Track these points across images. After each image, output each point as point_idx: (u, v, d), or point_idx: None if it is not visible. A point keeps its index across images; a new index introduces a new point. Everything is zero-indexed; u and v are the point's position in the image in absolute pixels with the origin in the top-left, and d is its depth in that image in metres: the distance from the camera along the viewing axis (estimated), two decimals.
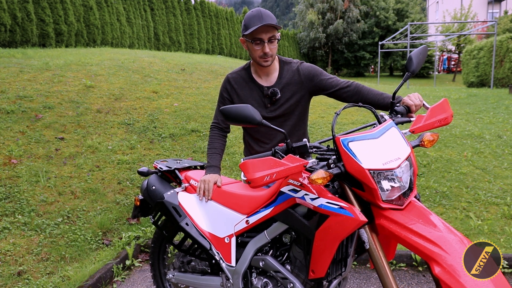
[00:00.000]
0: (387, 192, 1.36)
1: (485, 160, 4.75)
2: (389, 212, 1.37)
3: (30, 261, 2.93)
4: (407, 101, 1.70)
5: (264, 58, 1.93)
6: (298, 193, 1.52)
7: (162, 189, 2.11)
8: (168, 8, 18.74)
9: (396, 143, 1.44)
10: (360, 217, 1.34)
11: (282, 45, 29.90)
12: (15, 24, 10.42)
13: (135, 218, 2.30)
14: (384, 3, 35.16)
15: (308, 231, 1.49)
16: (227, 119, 1.55)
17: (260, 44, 1.90)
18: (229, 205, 1.88)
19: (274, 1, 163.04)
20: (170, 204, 1.98)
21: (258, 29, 1.84)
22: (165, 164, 2.26)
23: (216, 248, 1.87)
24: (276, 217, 1.63)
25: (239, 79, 2.08)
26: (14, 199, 3.52)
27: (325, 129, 5.79)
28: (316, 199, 1.44)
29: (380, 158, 1.37)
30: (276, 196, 1.63)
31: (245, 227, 1.77)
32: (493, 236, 3.24)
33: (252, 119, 1.52)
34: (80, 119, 5.18)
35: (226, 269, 1.83)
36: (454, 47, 29.33)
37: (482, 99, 8.99)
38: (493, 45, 14.03)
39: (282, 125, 2.06)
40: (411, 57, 1.67)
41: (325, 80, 2.01)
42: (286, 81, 2.03)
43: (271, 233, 1.68)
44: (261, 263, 1.71)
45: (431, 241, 1.24)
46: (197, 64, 9.22)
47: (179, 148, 4.94)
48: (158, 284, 2.42)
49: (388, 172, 1.36)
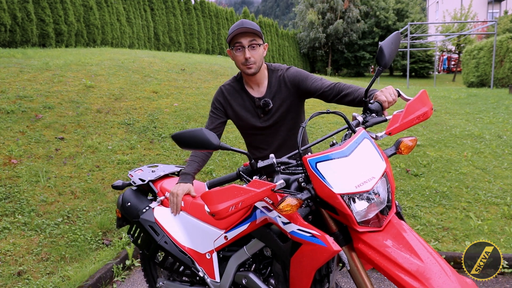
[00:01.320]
0: (363, 212, 1.26)
1: (485, 160, 4.75)
2: (367, 235, 1.26)
3: (30, 261, 2.93)
4: (380, 97, 1.56)
5: (246, 64, 1.91)
6: (271, 213, 1.43)
7: (138, 204, 2.01)
8: (168, 8, 18.74)
9: (369, 158, 1.32)
10: (334, 247, 1.24)
11: (282, 45, 29.90)
12: (15, 24, 10.42)
13: (121, 227, 2.26)
14: (384, 3, 35.17)
15: (284, 255, 1.42)
16: (180, 145, 1.40)
17: (241, 51, 1.89)
18: (205, 219, 1.80)
19: (274, 1, 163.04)
20: (146, 223, 1.89)
21: (237, 34, 1.85)
22: (139, 175, 2.15)
23: (198, 264, 1.81)
24: (253, 234, 1.57)
25: (231, 90, 2.08)
26: (14, 199, 3.52)
27: (325, 129, 5.79)
28: (288, 224, 1.35)
29: (352, 179, 1.25)
30: (252, 211, 1.56)
31: (224, 243, 1.71)
32: (493, 236, 3.24)
33: (208, 143, 1.36)
34: (80, 119, 5.18)
35: (211, 284, 1.78)
36: (454, 47, 29.33)
37: (482, 99, 8.99)
38: (493, 45, 14.03)
39: (277, 131, 2.06)
40: (382, 48, 1.47)
41: (309, 84, 1.99)
42: (275, 90, 2.02)
43: (251, 249, 1.62)
44: (244, 281, 1.65)
45: (411, 274, 1.14)
46: (197, 64, 9.22)
47: (178, 148, 4.94)
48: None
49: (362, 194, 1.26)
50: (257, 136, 2.09)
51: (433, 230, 3.37)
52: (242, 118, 2.05)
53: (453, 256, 2.91)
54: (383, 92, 1.58)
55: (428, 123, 6.31)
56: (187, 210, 1.89)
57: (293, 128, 2.10)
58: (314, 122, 6.04)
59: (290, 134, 2.09)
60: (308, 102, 6.26)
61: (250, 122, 2.04)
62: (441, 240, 3.24)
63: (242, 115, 2.05)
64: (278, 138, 2.07)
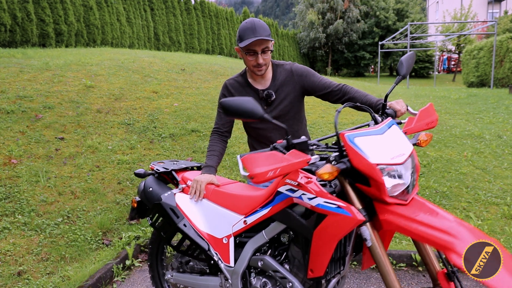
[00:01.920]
0: (391, 188, 1.37)
1: (485, 160, 4.75)
2: (395, 207, 1.37)
3: (30, 261, 2.93)
4: (395, 106, 1.80)
5: (257, 67, 2.01)
6: (296, 193, 1.52)
7: (159, 190, 2.11)
8: (168, 8, 18.74)
9: (399, 139, 1.46)
10: (358, 216, 1.34)
11: (282, 45, 29.90)
12: (15, 24, 10.42)
13: (133, 219, 2.31)
14: (384, 3, 35.16)
15: (306, 230, 1.50)
16: (227, 113, 1.47)
17: (254, 55, 1.98)
18: (226, 205, 1.88)
19: (274, 1, 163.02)
20: (167, 206, 1.98)
21: (252, 42, 1.91)
22: (162, 166, 2.26)
23: (214, 248, 1.88)
24: (274, 217, 1.64)
25: (235, 85, 2.17)
26: (14, 199, 3.52)
27: (325, 129, 5.79)
28: (314, 198, 1.44)
29: (387, 153, 1.37)
30: (274, 196, 1.63)
31: (243, 227, 1.77)
32: (493, 236, 3.24)
33: (253, 113, 1.46)
34: (80, 119, 5.18)
35: (225, 269, 1.83)
36: (454, 47, 29.34)
37: (482, 99, 8.99)
38: (493, 45, 14.03)
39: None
40: (402, 62, 1.76)
41: (317, 81, 2.08)
42: (280, 83, 2.11)
43: (269, 233, 1.69)
44: (259, 263, 1.71)
45: (444, 231, 1.23)
46: (197, 64, 9.22)
47: (179, 148, 4.94)
48: (157, 285, 2.42)
49: (392, 169, 1.37)
50: (259, 130, 2.16)
51: None
52: None
53: None
54: (398, 103, 1.82)
55: None
56: (208, 197, 1.98)
57: (294, 124, 2.16)
58: (314, 122, 6.04)
59: (291, 130, 2.14)
60: (308, 102, 6.26)
61: None
62: None
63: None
64: (279, 134, 2.14)
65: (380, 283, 2.77)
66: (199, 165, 2.37)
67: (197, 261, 2.09)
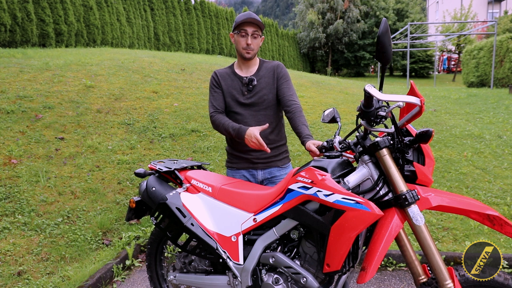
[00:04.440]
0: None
1: (485, 160, 4.75)
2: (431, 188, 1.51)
3: (30, 261, 2.93)
4: (310, 147, 1.89)
5: (246, 49, 2.24)
6: (310, 190, 1.55)
7: (163, 190, 2.11)
8: (168, 8, 18.73)
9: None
10: (377, 211, 1.40)
11: (282, 45, 29.89)
12: (15, 24, 10.42)
13: (129, 220, 2.29)
14: (384, 3, 35.14)
15: (323, 226, 1.53)
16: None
17: (245, 37, 2.22)
18: (235, 204, 1.90)
19: (274, 1, 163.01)
20: (173, 205, 1.97)
21: (244, 22, 2.19)
22: (163, 165, 2.26)
23: (222, 247, 1.89)
24: (286, 214, 1.66)
25: (223, 74, 2.38)
26: (14, 199, 3.52)
27: (325, 129, 5.79)
28: (331, 195, 1.48)
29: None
30: (284, 194, 1.66)
31: (252, 225, 1.80)
32: (493, 236, 3.24)
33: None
34: (80, 119, 5.18)
35: (234, 267, 1.85)
36: (454, 47, 29.33)
37: (482, 99, 8.99)
38: (493, 45, 14.03)
39: (256, 114, 2.29)
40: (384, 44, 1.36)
41: (284, 88, 2.27)
42: (262, 74, 2.33)
43: (280, 230, 1.71)
44: (271, 260, 1.74)
45: (486, 207, 1.33)
46: (197, 64, 9.22)
47: (179, 148, 4.94)
48: (155, 285, 2.42)
49: None
50: (237, 115, 2.29)
51: (433, 230, 3.37)
52: (229, 95, 2.32)
53: (453, 256, 2.91)
54: (315, 143, 1.92)
55: (428, 123, 6.31)
56: (215, 196, 1.99)
57: (273, 116, 2.31)
58: (314, 122, 6.04)
59: (271, 121, 2.29)
60: (308, 102, 6.24)
61: (235, 97, 2.30)
62: (441, 240, 3.24)
63: (230, 92, 2.32)
64: (255, 121, 2.27)
65: (380, 283, 2.77)
66: (199, 164, 2.38)
67: (203, 260, 2.09)
